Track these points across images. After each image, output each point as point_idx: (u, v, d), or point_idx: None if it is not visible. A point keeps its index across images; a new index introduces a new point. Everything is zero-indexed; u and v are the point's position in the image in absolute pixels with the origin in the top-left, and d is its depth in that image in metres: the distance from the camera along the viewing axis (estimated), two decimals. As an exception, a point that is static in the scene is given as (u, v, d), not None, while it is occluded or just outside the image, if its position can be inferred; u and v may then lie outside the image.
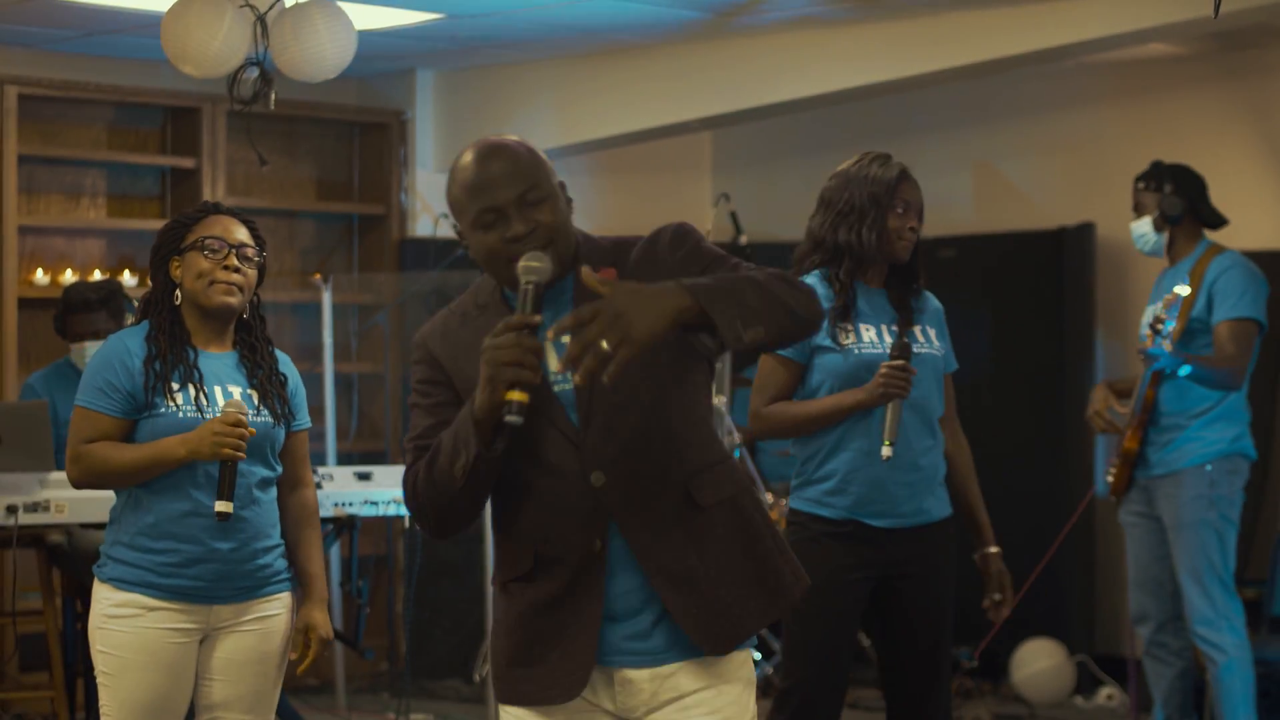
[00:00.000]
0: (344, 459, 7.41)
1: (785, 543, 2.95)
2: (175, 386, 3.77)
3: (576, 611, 2.83)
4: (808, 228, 4.29)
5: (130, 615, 3.76)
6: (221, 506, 3.70)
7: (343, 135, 8.06)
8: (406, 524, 6.10)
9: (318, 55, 5.75)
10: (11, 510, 4.96)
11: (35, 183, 7.31)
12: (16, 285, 7.07)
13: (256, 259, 3.88)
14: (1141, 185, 5.79)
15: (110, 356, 3.80)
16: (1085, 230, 7.46)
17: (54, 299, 7.18)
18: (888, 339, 4.16)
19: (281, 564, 3.91)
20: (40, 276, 7.22)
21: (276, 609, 3.88)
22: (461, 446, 2.74)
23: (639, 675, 2.85)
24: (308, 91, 7.09)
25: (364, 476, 5.72)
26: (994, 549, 4.43)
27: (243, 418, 3.71)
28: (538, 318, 2.70)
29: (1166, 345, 5.48)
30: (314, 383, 7.53)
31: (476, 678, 7.33)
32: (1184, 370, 5.53)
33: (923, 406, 4.18)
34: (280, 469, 3.91)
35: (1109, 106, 7.66)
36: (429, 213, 7.96)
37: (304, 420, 3.98)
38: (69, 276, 7.26)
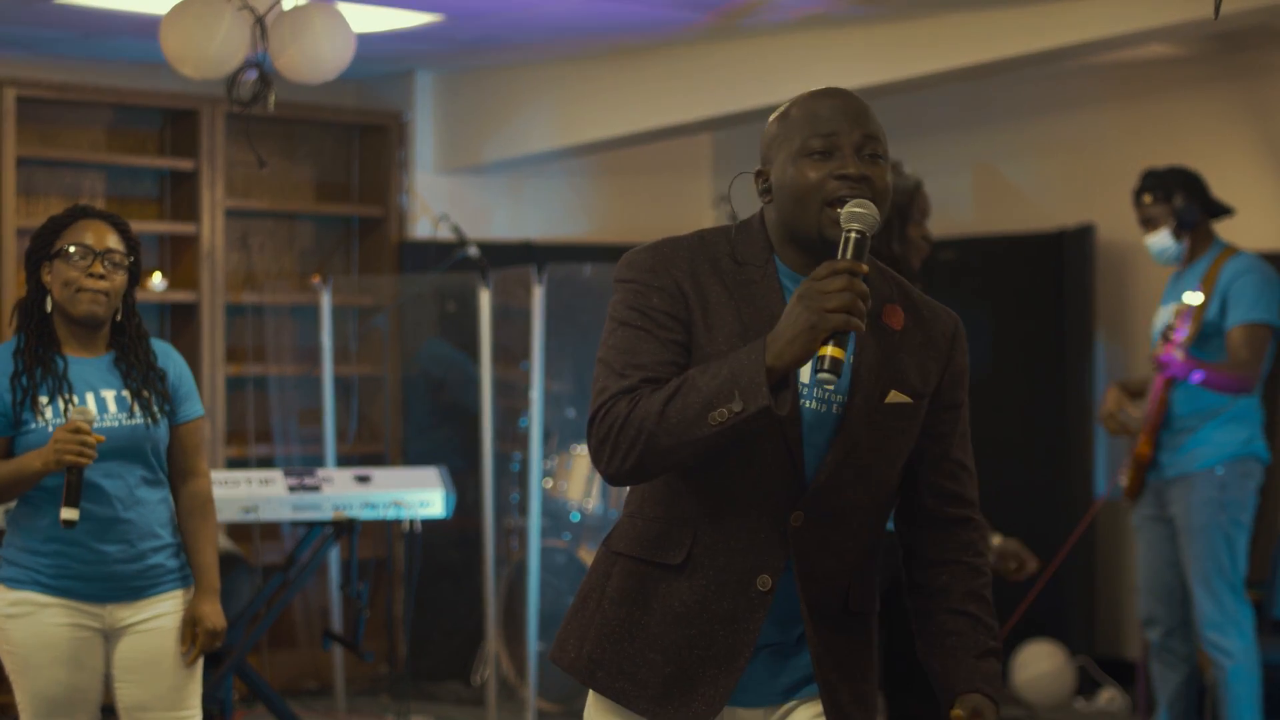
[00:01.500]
0: (343, 461, 7.40)
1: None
2: (44, 400, 3.81)
3: (717, 643, 2.58)
4: None
5: (25, 614, 3.83)
6: (66, 514, 3.72)
7: (342, 137, 8.05)
8: (406, 527, 6.08)
9: (317, 57, 5.74)
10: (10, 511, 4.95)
11: (34, 185, 7.30)
12: (15, 287, 7.06)
13: (125, 263, 3.89)
14: (1149, 199, 5.77)
15: None
16: (1085, 231, 7.45)
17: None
18: None
19: (174, 563, 3.95)
20: (39, 279, 7.21)
21: (170, 607, 3.93)
22: (737, 394, 2.39)
23: (749, 714, 2.67)
24: (307, 93, 7.08)
25: (363, 479, 5.71)
26: (998, 539, 4.46)
27: (84, 424, 3.71)
28: (864, 266, 2.41)
29: (1178, 354, 5.47)
30: (313, 385, 7.54)
31: (476, 680, 7.32)
32: (1195, 378, 5.52)
33: None
34: (165, 467, 3.94)
35: (1109, 108, 7.65)
36: (428, 215, 7.95)
37: (192, 410, 4.00)
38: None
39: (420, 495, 5.74)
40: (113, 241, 3.89)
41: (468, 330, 7.24)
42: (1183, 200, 5.73)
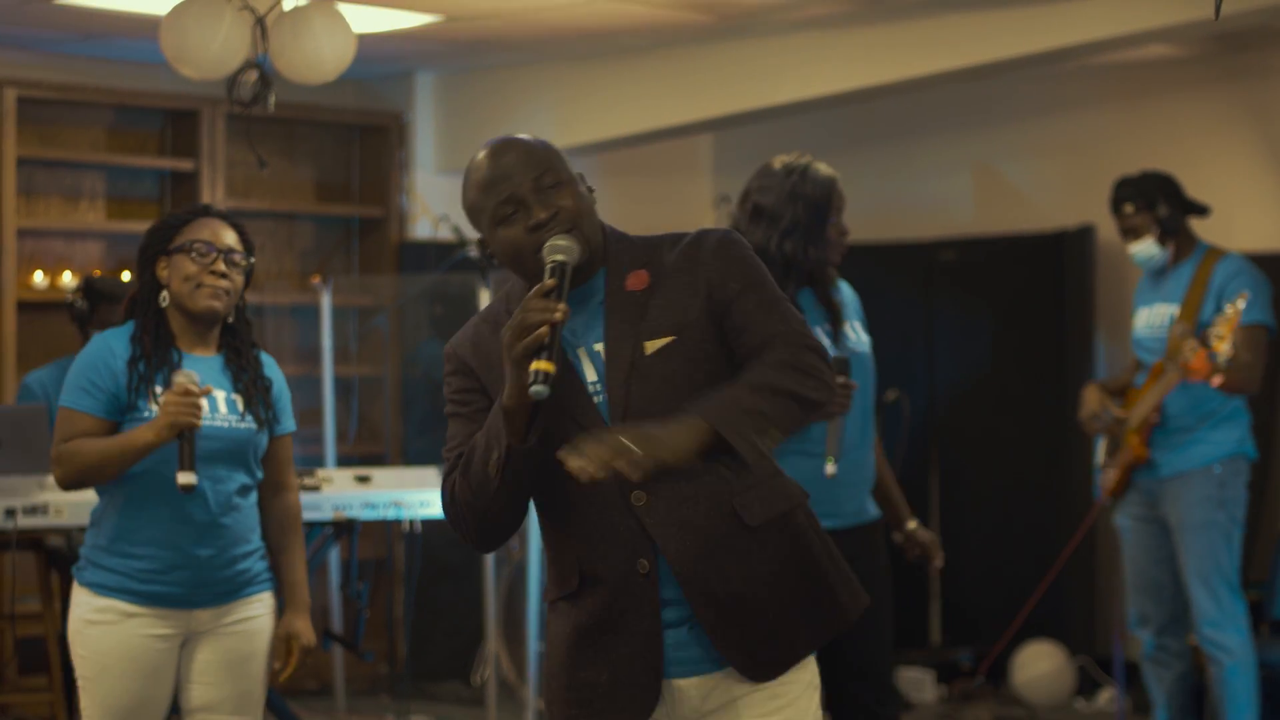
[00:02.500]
0: (343, 461, 7.40)
1: (840, 558, 2.87)
2: (158, 389, 3.75)
3: (633, 634, 2.74)
4: (743, 232, 4.27)
5: (109, 621, 3.75)
6: (184, 478, 3.65)
7: (342, 138, 8.06)
8: (406, 527, 6.08)
9: (317, 58, 5.74)
10: (10, 513, 4.94)
11: (34, 185, 7.31)
12: (15, 288, 7.06)
13: (244, 263, 3.85)
14: (1130, 209, 5.79)
15: (94, 357, 3.78)
16: (1085, 232, 7.45)
17: (53, 301, 7.20)
18: (825, 341, 4.16)
19: (261, 565, 3.90)
20: (39, 279, 7.21)
21: (257, 610, 3.88)
22: (494, 441, 2.66)
23: (686, 684, 2.77)
24: (307, 94, 7.08)
25: (363, 479, 5.71)
26: (913, 524, 4.45)
27: (192, 386, 3.66)
28: (552, 281, 2.65)
29: (1220, 361, 5.46)
30: (313, 385, 7.54)
31: (476, 680, 7.32)
32: (1216, 381, 5.54)
33: (863, 407, 4.20)
34: (261, 475, 3.89)
35: (1109, 108, 7.66)
36: (428, 215, 7.95)
37: (288, 425, 3.96)
38: (68, 279, 7.25)
39: (420, 495, 5.74)
40: (232, 240, 3.84)
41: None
42: (1166, 208, 5.75)
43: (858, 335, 4.28)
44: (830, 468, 4.05)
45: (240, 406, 3.82)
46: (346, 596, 5.67)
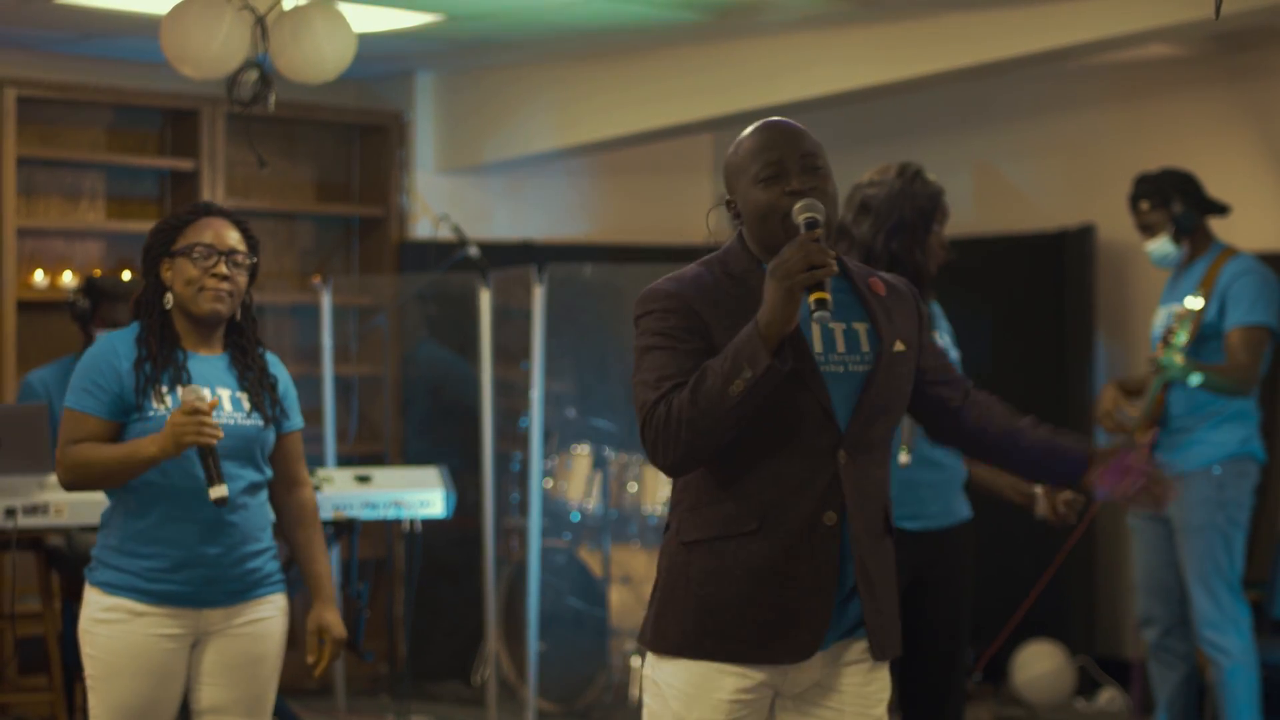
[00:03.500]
0: (343, 461, 7.40)
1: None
2: (164, 389, 3.76)
3: (802, 579, 2.95)
4: (845, 227, 4.29)
5: (119, 620, 3.75)
6: (215, 492, 3.66)
7: (342, 137, 8.06)
8: (406, 527, 6.08)
9: (317, 57, 5.74)
10: (10, 513, 4.95)
11: (34, 185, 7.31)
12: (15, 287, 7.06)
13: (247, 263, 3.86)
14: (1146, 206, 5.78)
15: (99, 358, 3.79)
16: (1086, 232, 7.45)
17: (53, 301, 7.20)
18: None
19: (273, 566, 3.90)
20: (39, 278, 7.21)
21: (268, 611, 3.87)
22: (745, 363, 2.82)
23: (811, 662, 3.01)
24: (307, 93, 7.08)
25: (363, 479, 5.71)
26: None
27: (200, 404, 3.66)
28: (820, 231, 2.88)
29: (1178, 357, 5.47)
30: (313, 385, 7.53)
31: (476, 680, 7.32)
32: (1194, 380, 5.53)
33: None
34: (269, 473, 3.90)
35: (1110, 108, 7.65)
36: (428, 215, 7.95)
37: (296, 421, 3.97)
38: (68, 279, 7.25)
39: (420, 495, 5.74)
40: (235, 240, 3.84)
41: (467, 330, 7.24)
42: (1181, 206, 5.74)
43: (945, 345, 4.35)
44: (904, 457, 4.08)
45: (246, 404, 3.83)
46: (347, 596, 5.66)
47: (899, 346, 3.04)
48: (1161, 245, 5.78)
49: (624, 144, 7.94)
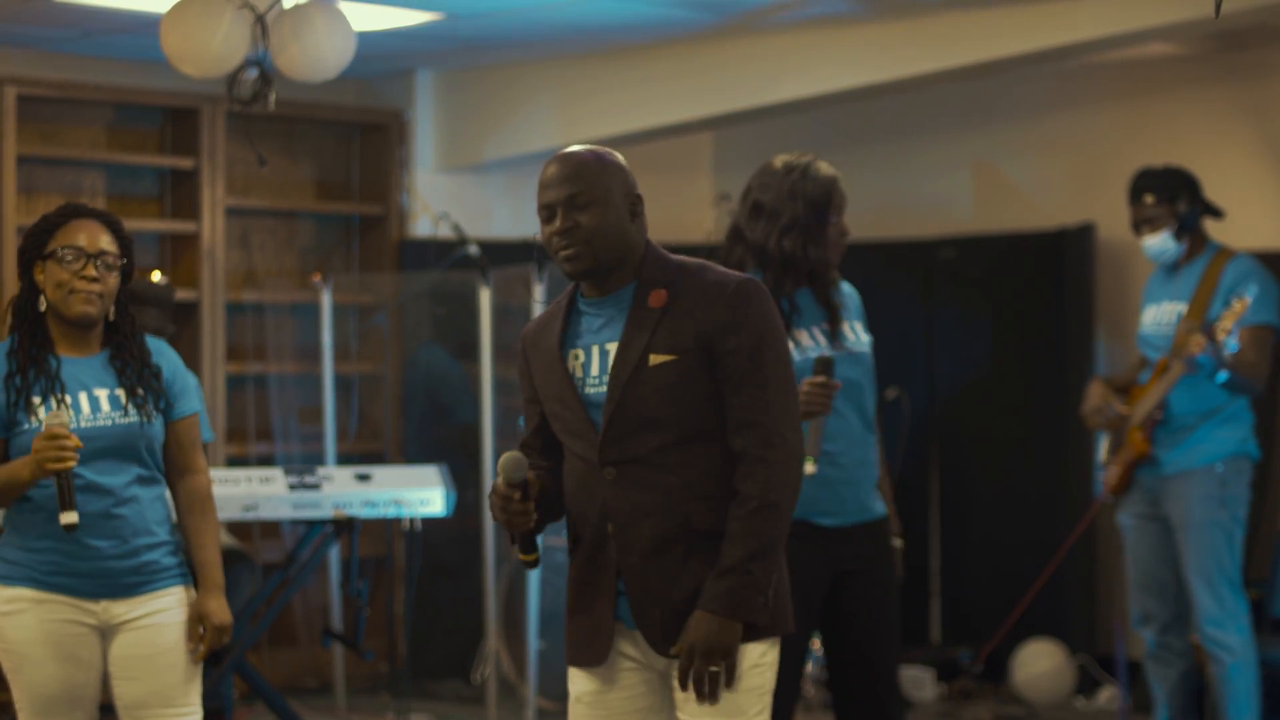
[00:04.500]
0: (343, 460, 7.40)
1: (780, 586, 3.23)
2: (37, 401, 3.81)
3: (598, 585, 3.25)
4: (740, 230, 4.27)
5: (21, 610, 3.82)
6: (65, 519, 3.71)
7: (342, 136, 8.05)
8: (406, 525, 6.08)
9: (317, 55, 5.74)
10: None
11: (34, 183, 7.30)
12: (15, 285, 7.05)
13: (118, 264, 3.89)
14: (1151, 200, 5.76)
15: None
16: (1086, 230, 7.45)
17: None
18: (822, 340, 4.17)
19: (171, 560, 3.94)
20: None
21: (167, 603, 3.91)
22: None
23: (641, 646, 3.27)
24: (307, 92, 7.08)
25: (363, 477, 5.71)
26: (899, 541, 4.44)
27: (60, 428, 3.70)
28: (517, 494, 3.19)
29: (1226, 354, 5.47)
30: (313, 383, 7.54)
31: (476, 678, 7.32)
32: (1221, 377, 5.53)
33: (862, 405, 4.20)
34: (160, 466, 3.94)
35: (1109, 107, 7.65)
36: (429, 213, 7.95)
37: (187, 407, 3.99)
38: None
39: (420, 493, 5.74)
40: (105, 243, 3.87)
41: (467, 329, 7.24)
42: (1186, 203, 5.73)
43: (857, 335, 4.28)
44: (809, 467, 4.05)
45: (124, 400, 3.86)
46: (346, 595, 5.68)
47: (658, 359, 3.17)
48: (1162, 240, 5.77)
49: (624, 142, 7.94)
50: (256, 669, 5.93)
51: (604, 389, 3.21)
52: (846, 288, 4.35)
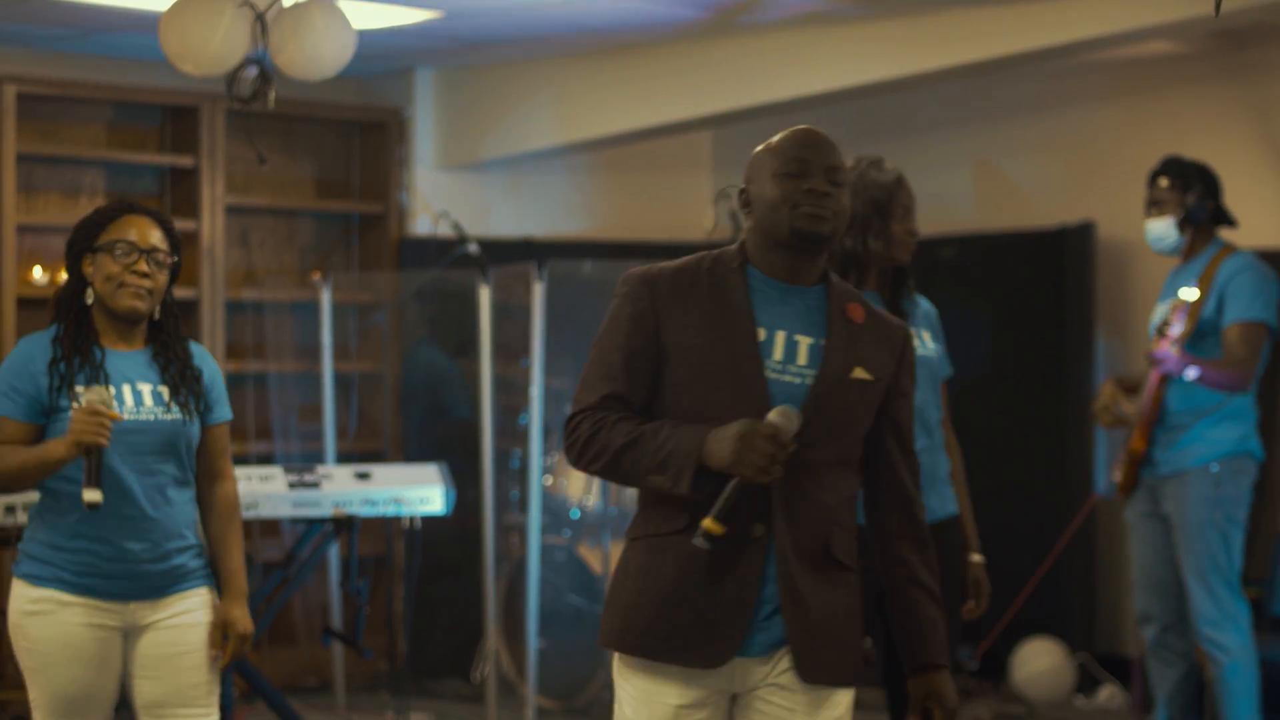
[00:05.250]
0: (343, 458, 7.40)
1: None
2: (80, 388, 3.80)
3: (725, 583, 3.01)
4: None
5: (47, 611, 3.80)
6: (89, 495, 3.71)
7: (342, 134, 8.05)
8: (406, 523, 6.08)
9: (317, 54, 5.73)
10: (10, 510, 4.95)
11: (34, 181, 7.30)
12: (15, 284, 7.06)
13: (168, 262, 3.90)
14: (1165, 183, 5.74)
15: (16, 361, 3.85)
16: (1086, 229, 7.44)
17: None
18: None
19: (197, 563, 3.94)
20: (39, 275, 7.21)
21: (192, 604, 3.92)
22: (671, 473, 2.97)
23: (752, 662, 3.06)
24: (307, 90, 7.08)
25: (363, 476, 5.70)
26: (977, 557, 4.41)
27: (102, 406, 3.70)
28: (794, 446, 2.96)
29: (1174, 350, 5.46)
30: (313, 382, 7.53)
31: (475, 677, 7.32)
32: (1190, 374, 5.51)
33: (919, 409, 4.19)
34: (194, 466, 3.94)
35: (1110, 105, 7.65)
36: (428, 211, 7.95)
37: (222, 414, 4.00)
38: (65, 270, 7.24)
39: (420, 492, 5.74)
40: (157, 239, 3.89)
41: (466, 328, 7.24)
42: (1197, 196, 5.72)
43: (922, 342, 4.31)
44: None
45: (166, 398, 3.86)
46: (346, 593, 5.66)
47: (859, 374, 3.07)
48: (1164, 226, 5.75)
49: (624, 140, 7.94)
50: (256, 667, 5.92)
51: (787, 379, 3.04)
52: (924, 302, 4.38)
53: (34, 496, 4.90)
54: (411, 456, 7.48)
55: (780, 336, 3.05)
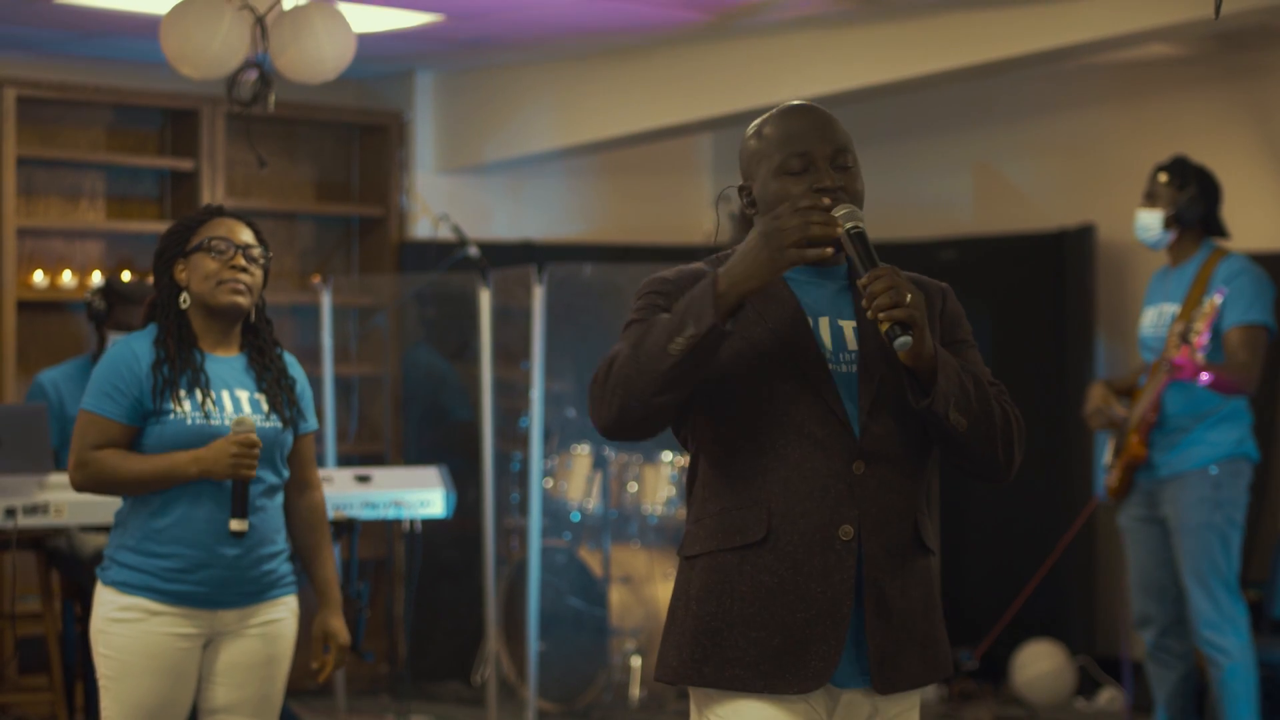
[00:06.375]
0: (343, 461, 7.40)
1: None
2: (182, 392, 3.77)
3: (815, 597, 2.68)
4: None
5: (134, 619, 3.75)
6: (237, 525, 3.72)
7: (342, 137, 8.06)
8: (406, 526, 6.08)
9: (317, 57, 5.74)
10: (10, 513, 4.95)
11: (34, 185, 7.30)
12: (15, 288, 7.06)
13: (262, 260, 3.89)
14: (1164, 178, 5.74)
15: (118, 361, 3.79)
16: (1086, 232, 7.45)
17: (53, 301, 7.20)
18: None
19: (286, 569, 3.91)
20: (39, 279, 7.21)
21: (281, 613, 3.88)
22: (691, 320, 2.61)
23: (855, 695, 2.75)
24: (307, 93, 7.08)
25: (363, 479, 5.71)
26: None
27: (252, 436, 3.71)
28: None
29: (1199, 356, 5.46)
30: (313, 385, 7.50)
31: (476, 680, 7.32)
32: (1204, 379, 5.52)
33: None
34: (286, 474, 3.91)
35: (1109, 107, 7.65)
36: (428, 214, 7.95)
37: (311, 423, 3.99)
38: (67, 279, 7.25)
39: (420, 495, 5.74)
40: (249, 238, 3.88)
41: (466, 331, 7.24)
42: (1190, 198, 5.71)
43: None
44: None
45: (264, 406, 3.84)
46: (347, 596, 5.66)
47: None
48: (1153, 218, 5.74)
49: (624, 144, 7.94)
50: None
51: (844, 368, 2.74)
52: None
53: (40, 500, 4.93)
54: (412, 459, 7.48)
55: (825, 324, 2.77)
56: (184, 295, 3.85)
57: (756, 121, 2.87)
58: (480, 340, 6.95)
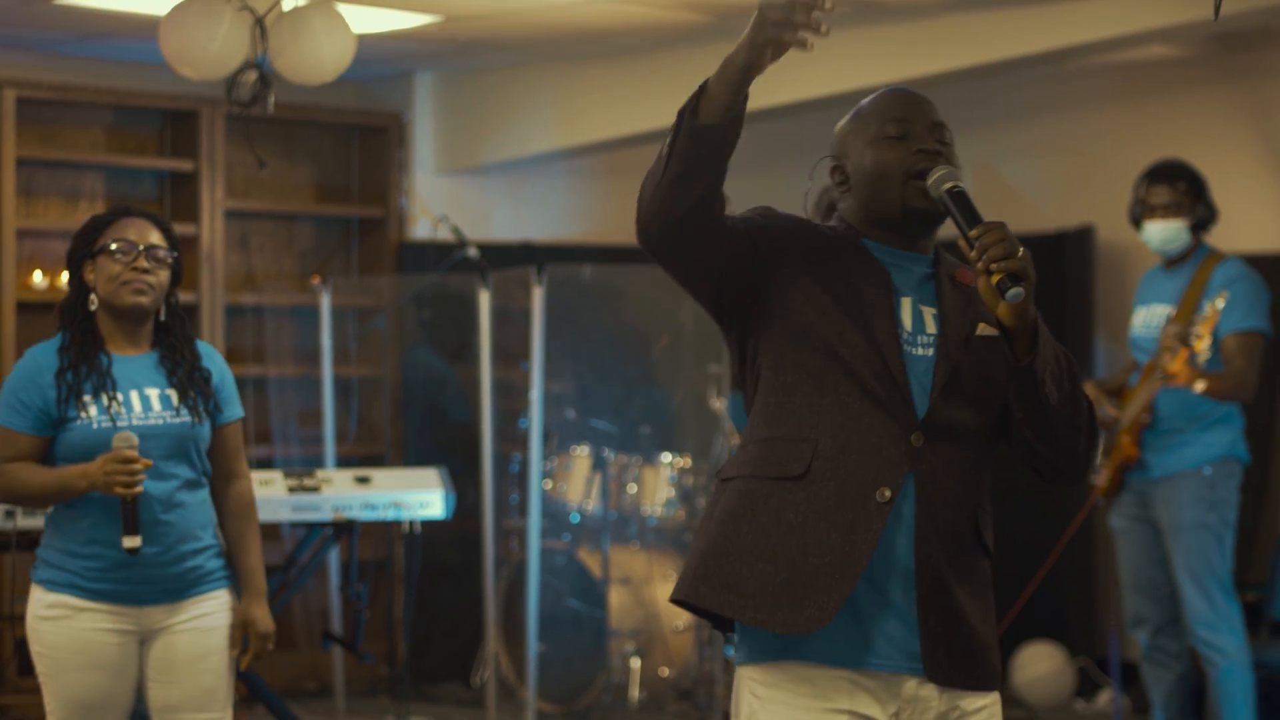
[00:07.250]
0: (343, 462, 7.39)
1: None
2: (87, 397, 3.81)
3: (844, 552, 2.63)
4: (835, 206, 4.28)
5: (61, 616, 3.82)
6: (128, 542, 3.74)
7: (341, 138, 8.05)
8: (406, 528, 6.08)
9: (316, 58, 5.74)
10: (10, 513, 4.95)
11: (33, 185, 7.30)
12: (15, 288, 7.06)
13: (168, 260, 3.92)
14: (1184, 187, 5.73)
15: (21, 373, 3.86)
16: (1085, 233, 7.45)
17: (52, 302, 7.17)
18: None
19: (215, 564, 3.94)
20: (38, 279, 7.21)
21: (211, 607, 3.92)
22: (699, 90, 2.91)
23: (928, 691, 2.71)
24: (306, 94, 7.08)
25: (363, 480, 5.71)
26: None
27: (132, 452, 3.72)
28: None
29: (1199, 360, 5.46)
30: (312, 386, 7.53)
31: (475, 681, 7.32)
32: (1198, 387, 5.52)
33: None
34: (207, 467, 3.94)
35: (1109, 109, 7.65)
36: (428, 216, 7.95)
37: (233, 412, 4.00)
38: (67, 280, 7.25)
39: (420, 496, 5.74)
40: (155, 238, 3.92)
41: (466, 332, 7.24)
42: (1205, 205, 5.73)
43: None
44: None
45: (175, 401, 3.87)
46: (346, 597, 5.67)
47: (985, 330, 2.73)
48: (1177, 230, 5.73)
49: (624, 145, 7.94)
50: (256, 672, 5.92)
51: (919, 350, 2.71)
52: None
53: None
54: (411, 460, 7.48)
55: (908, 305, 2.74)
56: (92, 296, 3.90)
57: (859, 105, 2.95)
58: (480, 341, 6.95)
